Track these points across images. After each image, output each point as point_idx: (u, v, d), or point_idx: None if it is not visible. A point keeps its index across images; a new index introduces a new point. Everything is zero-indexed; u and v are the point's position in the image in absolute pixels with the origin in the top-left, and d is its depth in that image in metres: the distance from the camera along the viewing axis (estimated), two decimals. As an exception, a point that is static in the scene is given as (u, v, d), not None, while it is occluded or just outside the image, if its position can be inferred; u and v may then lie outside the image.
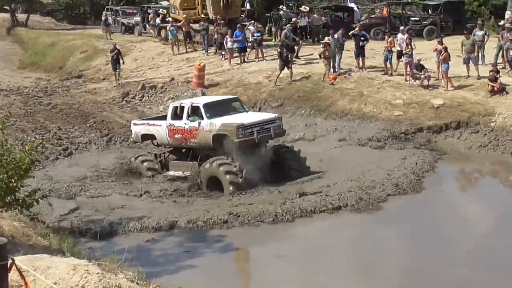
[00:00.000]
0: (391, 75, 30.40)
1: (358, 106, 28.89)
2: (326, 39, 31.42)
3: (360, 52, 31.37)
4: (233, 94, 31.14)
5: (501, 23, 31.99)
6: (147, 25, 44.14)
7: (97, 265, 8.76)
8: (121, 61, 35.21)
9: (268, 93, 30.96)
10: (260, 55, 34.50)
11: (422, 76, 29.00)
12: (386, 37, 32.07)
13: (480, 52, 30.84)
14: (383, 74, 30.64)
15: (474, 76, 29.26)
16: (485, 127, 26.33)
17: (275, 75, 31.53)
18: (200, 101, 24.65)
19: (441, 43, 29.51)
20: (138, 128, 25.52)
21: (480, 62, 30.63)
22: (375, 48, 33.47)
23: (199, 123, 23.27)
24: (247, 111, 24.35)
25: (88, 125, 29.70)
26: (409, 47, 29.94)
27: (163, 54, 38.06)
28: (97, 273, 8.32)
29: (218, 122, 23.05)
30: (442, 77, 28.89)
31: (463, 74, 29.46)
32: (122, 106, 32.28)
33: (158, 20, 41.66)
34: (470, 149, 25.71)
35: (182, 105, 24.26)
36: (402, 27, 32.74)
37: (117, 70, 35.11)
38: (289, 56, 31.55)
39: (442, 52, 28.63)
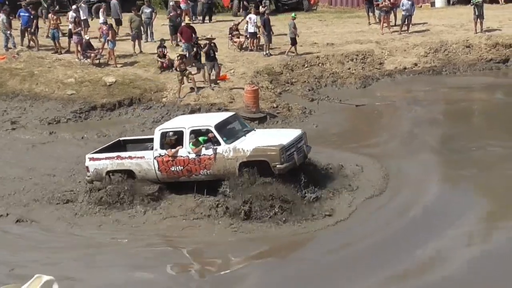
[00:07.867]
0: (61, 53, 29.98)
1: (29, 86, 28.19)
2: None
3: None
4: None
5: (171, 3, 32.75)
6: None
7: None
8: None
9: None
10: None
11: (92, 55, 29.05)
12: (50, 15, 31.34)
13: (149, 29, 31.59)
14: (53, 52, 30.11)
15: (145, 52, 29.87)
16: (157, 103, 26.96)
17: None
18: (204, 122, 20.22)
19: (105, 23, 29.82)
20: (100, 163, 20.22)
21: (149, 39, 31.38)
22: (43, 27, 32.69)
23: (215, 150, 19.33)
24: (254, 130, 20.69)
25: None
26: (76, 26, 29.64)
27: None
28: None
29: (247, 146, 19.20)
30: (109, 55, 29.14)
31: (132, 51, 30.11)
32: None
33: None
34: (144, 125, 26.01)
35: (177, 130, 19.71)
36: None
37: None
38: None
39: (108, 32, 28.93)
